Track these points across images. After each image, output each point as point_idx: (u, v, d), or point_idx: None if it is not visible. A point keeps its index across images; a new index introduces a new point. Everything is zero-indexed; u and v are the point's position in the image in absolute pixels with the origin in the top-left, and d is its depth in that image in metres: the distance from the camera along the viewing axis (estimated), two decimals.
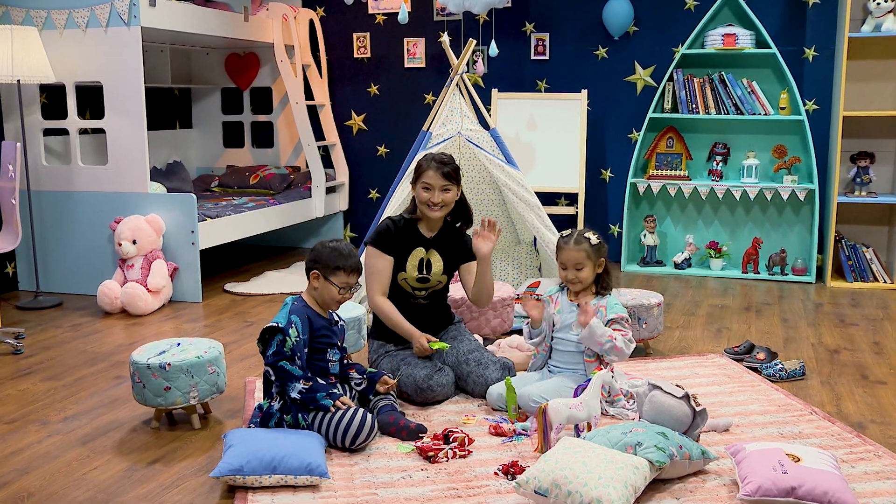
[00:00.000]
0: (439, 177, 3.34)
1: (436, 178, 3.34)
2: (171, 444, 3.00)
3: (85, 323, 4.69)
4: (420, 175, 3.37)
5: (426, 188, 3.36)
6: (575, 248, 3.19)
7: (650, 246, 6.13)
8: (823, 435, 2.99)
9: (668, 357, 4.00)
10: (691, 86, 5.87)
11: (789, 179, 5.74)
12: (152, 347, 3.19)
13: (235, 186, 6.62)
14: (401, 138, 6.66)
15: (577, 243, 3.19)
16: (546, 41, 6.35)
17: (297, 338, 2.84)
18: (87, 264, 5.26)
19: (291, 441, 2.68)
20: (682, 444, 2.61)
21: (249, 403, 3.34)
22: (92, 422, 3.22)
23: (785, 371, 3.66)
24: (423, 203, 3.39)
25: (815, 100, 5.88)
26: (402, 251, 3.43)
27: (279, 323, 2.85)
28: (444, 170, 3.34)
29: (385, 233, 3.42)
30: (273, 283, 5.63)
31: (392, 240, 3.41)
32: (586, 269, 3.20)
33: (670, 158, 6.06)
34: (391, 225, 3.44)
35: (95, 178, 5.22)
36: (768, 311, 4.94)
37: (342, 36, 6.84)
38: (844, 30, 5.37)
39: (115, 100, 5.08)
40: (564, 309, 3.27)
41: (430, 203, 3.37)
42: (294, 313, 2.89)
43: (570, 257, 3.20)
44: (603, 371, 2.97)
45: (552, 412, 2.76)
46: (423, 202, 3.39)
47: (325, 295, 2.96)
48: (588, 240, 3.20)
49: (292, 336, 2.83)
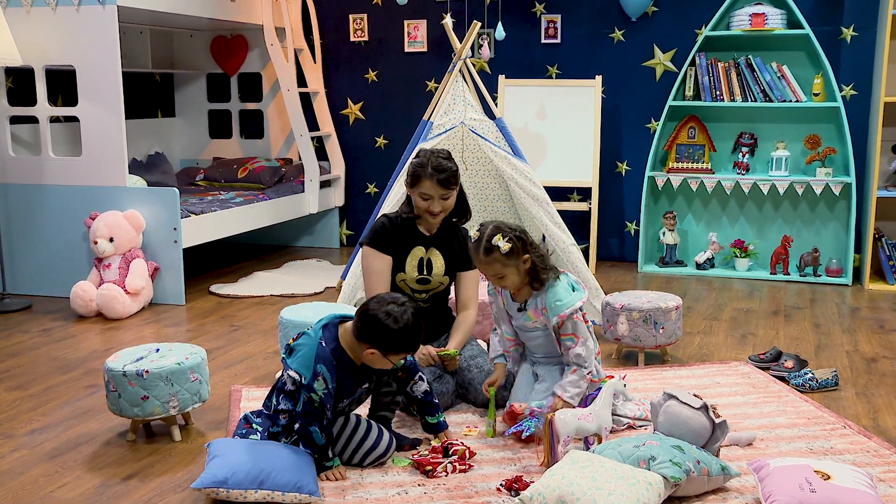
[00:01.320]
0: (437, 186, 3.32)
1: (434, 188, 3.32)
2: (148, 457, 3.00)
3: (56, 327, 4.71)
4: (417, 184, 3.35)
5: (424, 198, 3.35)
6: (486, 260, 3.01)
7: (670, 245, 6.12)
8: (858, 451, 2.98)
9: (687, 365, 4.00)
10: (715, 71, 5.86)
11: (823, 172, 5.72)
12: (129, 353, 3.19)
13: (222, 180, 6.64)
14: (400, 128, 6.67)
15: (487, 254, 2.99)
16: (557, 23, 6.35)
17: (324, 390, 2.68)
18: (59, 264, 5.27)
19: (282, 454, 2.68)
20: (700, 459, 2.60)
21: (235, 414, 3.34)
22: (61, 434, 3.23)
23: (816, 381, 3.65)
24: (422, 211, 3.39)
25: (853, 84, 5.86)
26: (401, 250, 3.43)
27: (303, 376, 2.68)
28: (441, 177, 3.31)
29: (381, 231, 3.43)
30: (262, 285, 5.64)
31: (389, 238, 3.42)
32: (509, 275, 3.02)
33: (692, 150, 6.05)
34: (387, 222, 3.44)
35: (68, 171, 5.23)
36: (799, 315, 4.93)
37: (337, 17, 6.85)
38: (888, 6, 5.32)
39: (89, 85, 5.10)
40: (511, 306, 3.19)
41: (430, 212, 3.37)
42: (321, 362, 2.69)
43: (485, 271, 3.05)
44: (614, 379, 2.96)
45: (559, 423, 2.76)
46: (421, 210, 3.40)
47: (375, 363, 2.75)
48: (497, 248, 2.96)
49: (319, 390, 2.67)
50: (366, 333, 2.68)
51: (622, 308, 3.92)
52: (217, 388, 3.66)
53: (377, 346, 2.68)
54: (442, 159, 3.34)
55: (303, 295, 5.36)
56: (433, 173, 3.31)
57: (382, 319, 2.65)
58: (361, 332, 2.69)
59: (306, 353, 2.72)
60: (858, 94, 5.85)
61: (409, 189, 3.40)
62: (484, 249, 3.00)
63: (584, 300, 3.04)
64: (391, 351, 2.70)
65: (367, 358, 2.73)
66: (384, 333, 2.65)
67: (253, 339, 4.47)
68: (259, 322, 4.79)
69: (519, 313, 3.16)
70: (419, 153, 3.41)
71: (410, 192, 3.40)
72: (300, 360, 2.72)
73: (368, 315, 2.68)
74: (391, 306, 2.67)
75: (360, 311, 2.72)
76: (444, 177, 3.31)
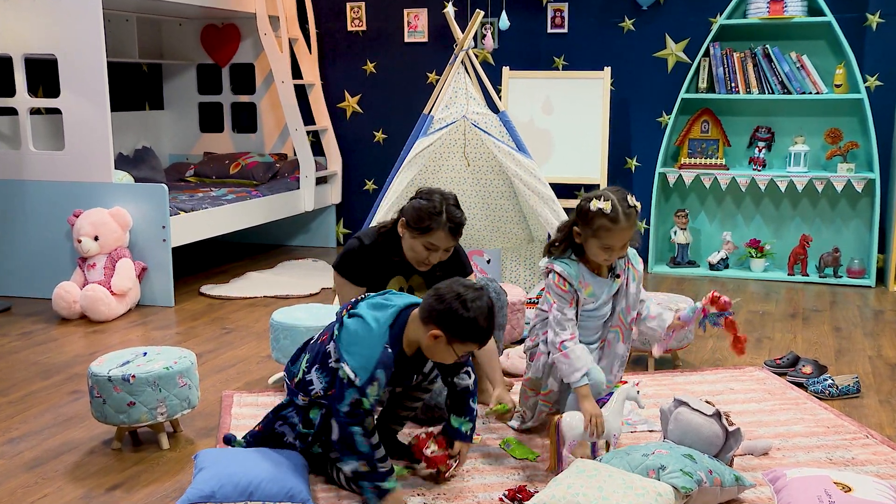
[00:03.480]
0: (449, 238, 3.11)
1: (445, 240, 3.11)
2: (134, 467, 3.00)
3: (37, 330, 4.71)
4: (427, 233, 3.10)
5: (428, 248, 3.12)
6: (627, 224, 2.84)
7: (682, 244, 6.12)
8: (881, 462, 2.97)
9: (699, 370, 4.00)
10: (730, 61, 5.86)
11: (845, 168, 5.72)
12: (115, 357, 3.20)
13: (213, 176, 6.64)
14: (400, 122, 6.66)
15: (628, 217, 2.84)
16: (564, 12, 6.35)
17: (376, 397, 2.59)
18: (40, 264, 5.28)
19: (271, 463, 2.68)
20: (713, 469, 2.60)
21: (225, 420, 3.35)
22: (42, 443, 3.22)
23: (836, 387, 3.65)
24: (416, 259, 3.18)
25: (879, 75, 5.83)
26: (377, 280, 3.23)
27: (359, 377, 2.55)
28: (455, 228, 3.11)
29: (352, 257, 3.25)
30: (255, 286, 5.64)
31: (362, 266, 3.24)
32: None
33: (705, 145, 6.05)
34: (359, 247, 3.24)
35: (51, 166, 5.23)
36: (817, 318, 4.93)
37: (334, 6, 6.85)
38: None
39: (72, 76, 5.09)
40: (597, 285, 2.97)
41: (427, 263, 3.17)
42: (382, 367, 2.57)
43: (623, 237, 2.86)
44: (627, 385, 2.96)
45: (565, 427, 2.76)
46: (414, 258, 3.17)
47: (435, 353, 2.64)
48: (635, 209, 2.88)
49: (371, 396, 2.56)
50: (435, 314, 2.57)
51: None
52: (207, 394, 3.66)
53: (445, 330, 2.55)
54: (454, 206, 3.13)
55: (297, 296, 5.36)
56: (447, 223, 3.09)
57: (454, 301, 2.55)
58: (430, 312, 2.57)
59: (368, 355, 2.57)
60: (884, 86, 5.82)
61: (412, 236, 3.13)
62: (625, 212, 2.84)
63: None
64: (458, 339, 2.57)
65: (428, 343, 2.60)
66: (455, 317, 2.54)
67: (245, 342, 4.47)
68: (252, 324, 4.79)
69: (611, 280, 2.99)
70: (426, 195, 3.15)
71: (411, 239, 3.14)
72: (360, 360, 2.57)
73: (440, 294, 2.59)
74: (466, 290, 2.58)
75: (433, 290, 2.63)
76: (457, 228, 3.12)
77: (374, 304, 2.70)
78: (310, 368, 2.74)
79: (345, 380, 2.57)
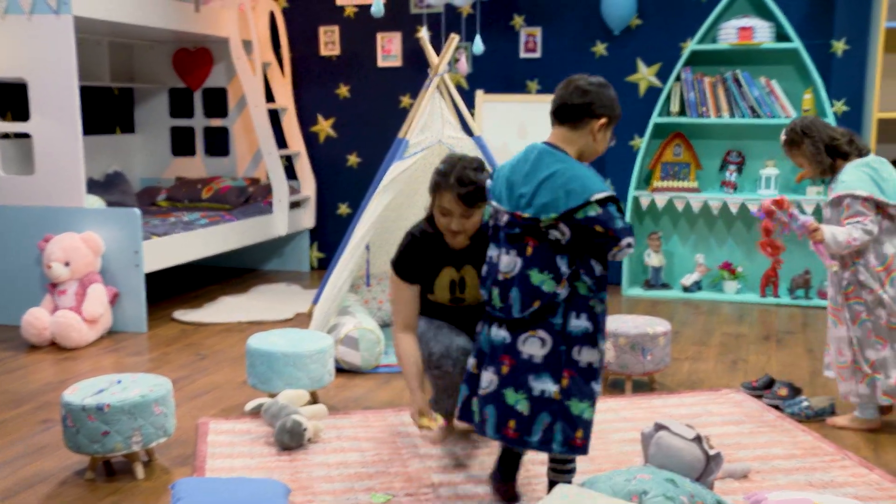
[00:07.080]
0: (457, 202, 2.98)
1: (454, 203, 2.98)
2: (108, 497, 2.95)
3: (6, 358, 4.63)
4: (436, 195, 3.04)
5: (443, 213, 3.04)
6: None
7: (655, 267, 6.16)
8: (860, 484, 2.99)
9: (676, 392, 4.01)
10: (701, 86, 5.93)
11: (814, 191, 5.79)
12: (88, 385, 3.16)
13: (186, 200, 6.59)
14: (374, 146, 6.67)
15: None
16: (537, 37, 6.40)
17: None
18: (9, 290, 5.19)
19: (250, 492, 2.65)
20: (694, 493, 2.60)
21: (201, 449, 3.30)
22: (13, 474, 3.17)
23: (811, 409, 3.67)
24: (442, 227, 3.09)
25: (845, 100, 5.94)
26: (428, 273, 3.17)
27: (605, 190, 2.62)
28: (462, 192, 2.95)
29: (406, 252, 3.15)
30: (229, 311, 5.59)
31: (415, 260, 3.15)
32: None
33: (677, 168, 6.10)
34: (413, 240, 3.16)
35: (20, 190, 5.17)
36: (791, 340, 4.96)
37: (307, 30, 6.86)
38: (880, 19, 5.39)
39: (42, 100, 5.05)
40: None
41: (449, 230, 3.07)
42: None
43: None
44: None
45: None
46: (441, 226, 3.09)
47: (600, 145, 2.74)
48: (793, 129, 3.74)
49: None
50: (597, 104, 2.67)
51: (608, 334, 3.92)
52: (182, 422, 3.61)
53: (609, 113, 2.69)
54: (470, 170, 2.99)
55: (272, 321, 5.32)
56: (454, 185, 2.97)
57: (597, 88, 2.68)
58: (592, 104, 2.67)
59: (589, 174, 2.65)
60: (850, 110, 5.93)
61: (431, 203, 3.10)
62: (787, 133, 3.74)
63: None
64: (618, 115, 2.72)
65: (595, 141, 2.70)
66: (606, 96, 2.68)
67: (220, 368, 4.43)
68: (227, 350, 4.74)
69: None
70: (447, 157, 3.11)
71: (433, 208, 3.10)
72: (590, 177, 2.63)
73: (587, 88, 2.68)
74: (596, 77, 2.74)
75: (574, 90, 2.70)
76: (465, 192, 2.95)
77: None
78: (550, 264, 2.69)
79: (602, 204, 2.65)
